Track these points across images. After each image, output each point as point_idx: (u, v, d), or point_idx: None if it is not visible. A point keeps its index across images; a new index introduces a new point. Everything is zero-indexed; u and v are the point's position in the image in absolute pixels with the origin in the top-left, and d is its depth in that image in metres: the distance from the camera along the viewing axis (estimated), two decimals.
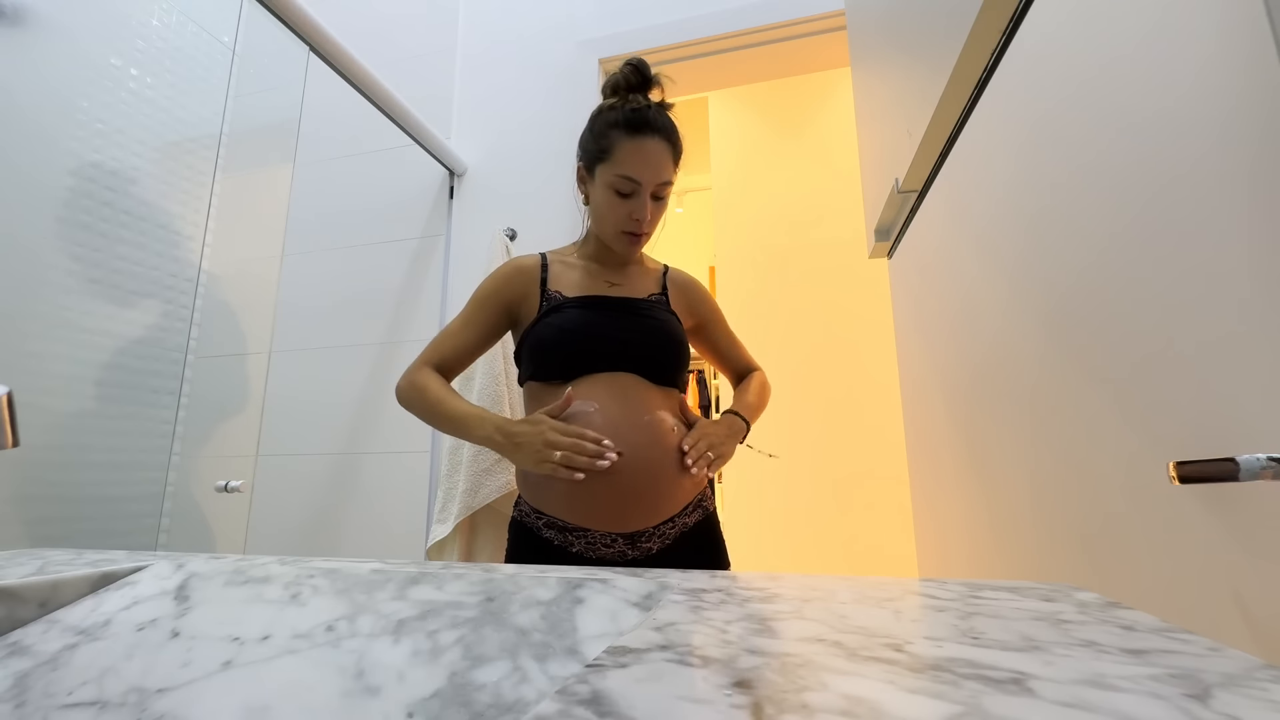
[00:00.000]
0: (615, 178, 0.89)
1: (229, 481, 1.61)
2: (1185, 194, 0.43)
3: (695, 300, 1.05)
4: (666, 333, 0.93)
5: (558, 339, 0.89)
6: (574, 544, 0.84)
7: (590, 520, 0.84)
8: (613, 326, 0.91)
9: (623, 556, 0.83)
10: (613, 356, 0.89)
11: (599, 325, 0.90)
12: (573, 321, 0.90)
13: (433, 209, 1.77)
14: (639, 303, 0.95)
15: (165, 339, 1.55)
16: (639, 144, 0.88)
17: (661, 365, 0.92)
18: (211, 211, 1.69)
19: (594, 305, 0.93)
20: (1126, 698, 0.19)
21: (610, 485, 0.82)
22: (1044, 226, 0.62)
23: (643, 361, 0.90)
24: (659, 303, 0.98)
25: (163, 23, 1.59)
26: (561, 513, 0.85)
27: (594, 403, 0.85)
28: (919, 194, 1.00)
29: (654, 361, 0.91)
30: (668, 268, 1.06)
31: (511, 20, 1.87)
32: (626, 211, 0.91)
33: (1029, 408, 0.66)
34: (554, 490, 0.85)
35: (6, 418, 0.49)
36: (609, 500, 0.83)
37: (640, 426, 0.85)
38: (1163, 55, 0.45)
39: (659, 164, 0.89)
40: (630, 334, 0.90)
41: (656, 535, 0.85)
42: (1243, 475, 0.35)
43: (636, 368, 0.89)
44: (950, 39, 0.74)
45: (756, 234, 2.46)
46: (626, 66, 0.95)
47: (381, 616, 0.36)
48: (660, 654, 0.24)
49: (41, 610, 0.41)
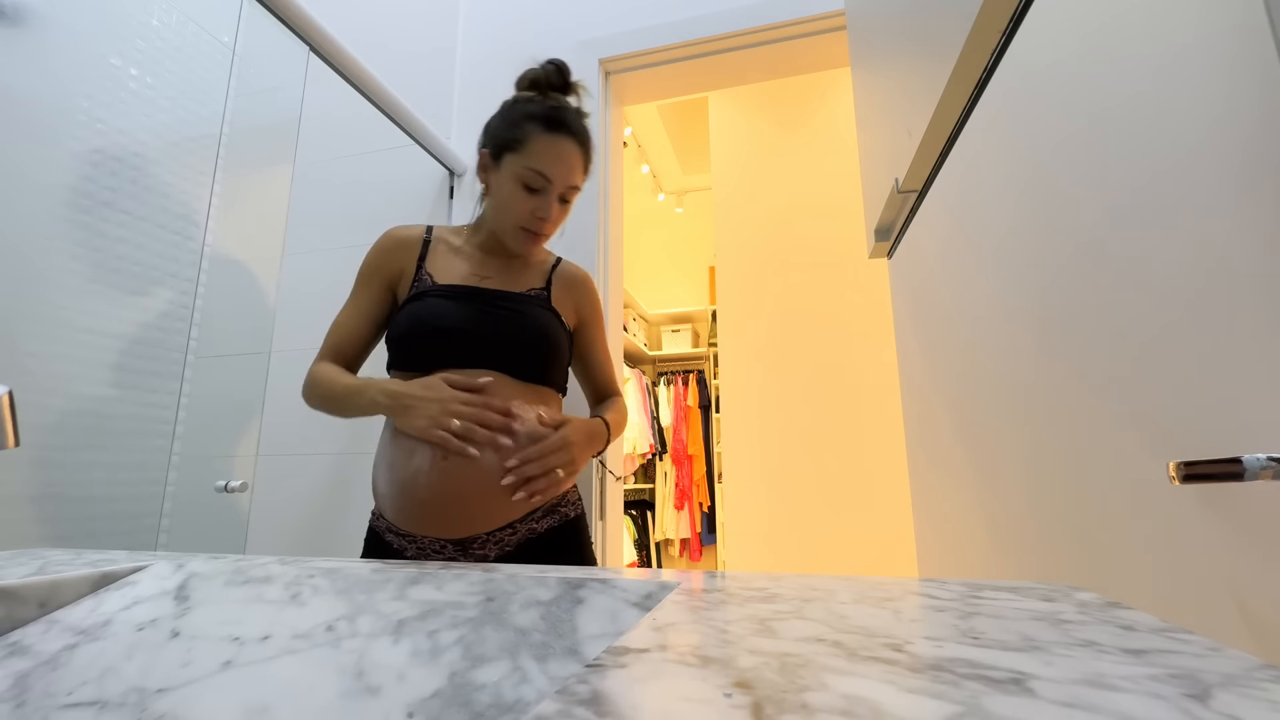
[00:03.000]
0: (526, 170, 0.86)
1: (229, 481, 1.61)
2: (1186, 193, 0.43)
3: (581, 299, 0.99)
4: (534, 329, 0.88)
5: (412, 329, 0.85)
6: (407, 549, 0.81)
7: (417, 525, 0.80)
8: (473, 321, 0.85)
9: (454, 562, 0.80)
10: (471, 351, 0.84)
11: (459, 318, 0.85)
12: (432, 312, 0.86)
13: (433, 209, 1.77)
14: (510, 296, 0.90)
15: (165, 339, 1.55)
16: (555, 141, 0.86)
17: (526, 363, 0.86)
18: (212, 211, 1.69)
19: (459, 296, 0.87)
20: (1126, 698, 0.19)
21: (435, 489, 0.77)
22: (1044, 226, 0.62)
23: (505, 358, 0.85)
24: (536, 297, 0.92)
25: (163, 23, 1.59)
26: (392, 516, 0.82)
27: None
28: (919, 194, 1.00)
29: (517, 359, 0.85)
30: (560, 261, 1.00)
31: (512, 20, 1.87)
32: (531, 208, 0.87)
33: (1029, 407, 0.66)
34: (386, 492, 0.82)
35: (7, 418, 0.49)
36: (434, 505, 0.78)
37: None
38: (1163, 54, 0.45)
39: (572, 166, 0.87)
40: (493, 329, 0.85)
41: (492, 542, 0.80)
42: (1245, 475, 0.35)
43: (499, 365, 0.84)
44: (950, 39, 0.74)
45: (756, 234, 2.46)
46: (549, 65, 0.94)
47: (381, 616, 0.36)
48: (660, 654, 0.24)
49: (41, 610, 0.41)
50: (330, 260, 1.82)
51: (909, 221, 1.07)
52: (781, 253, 2.40)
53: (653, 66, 1.72)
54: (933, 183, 0.93)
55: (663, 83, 1.78)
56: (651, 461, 3.58)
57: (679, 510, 3.41)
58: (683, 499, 3.42)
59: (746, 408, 2.33)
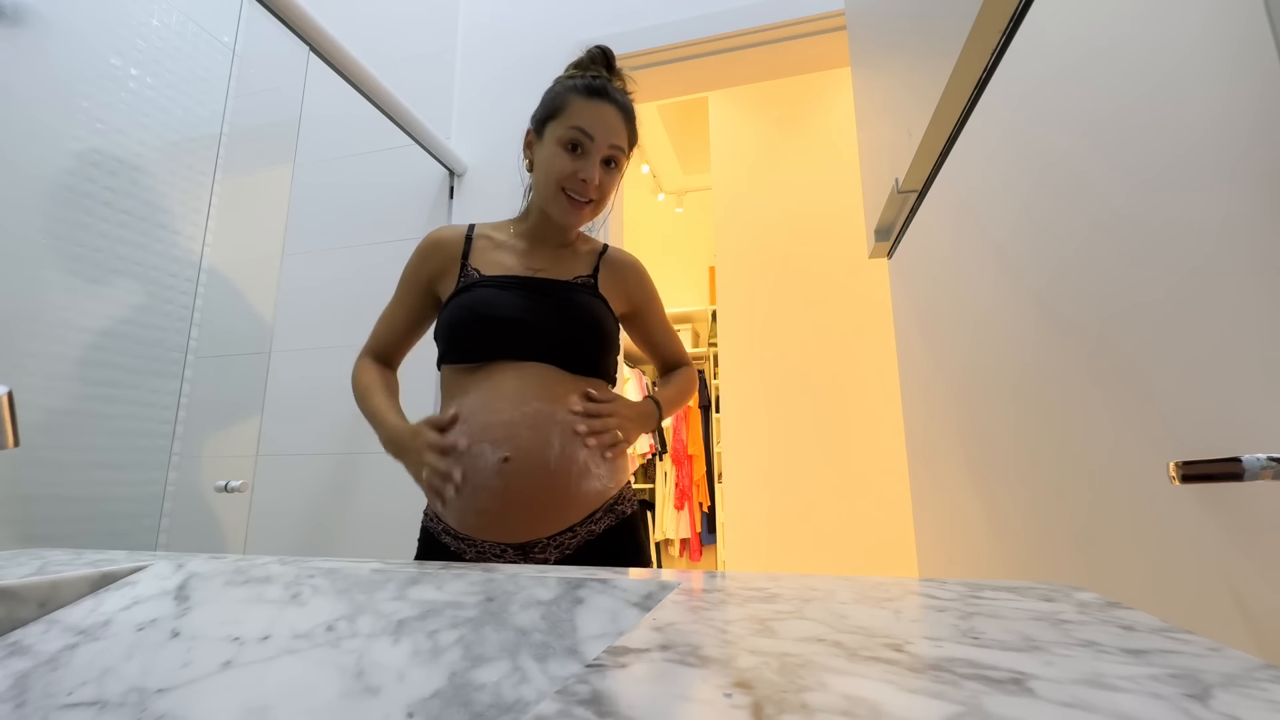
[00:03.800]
0: (566, 130, 0.84)
1: (229, 481, 1.61)
2: (1186, 193, 0.43)
3: (631, 283, 0.95)
4: (584, 317, 0.85)
5: (464, 320, 0.83)
6: (466, 552, 0.79)
7: (477, 530, 0.78)
8: (524, 309, 0.83)
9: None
10: (522, 342, 0.81)
11: (508, 308, 0.83)
12: (481, 302, 0.83)
13: (433, 209, 1.77)
14: (559, 284, 0.87)
15: (165, 339, 1.55)
16: (595, 104, 0.84)
17: (577, 353, 0.83)
18: (211, 211, 1.69)
19: (508, 286, 0.85)
20: (1126, 698, 0.19)
21: (495, 493, 0.75)
22: (1044, 226, 0.62)
23: (556, 348, 0.82)
24: (584, 285, 0.89)
25: (163, 23, 1.59)
26: (451, 520, 0.80)
27: (490, 403, 0.78)
28: (919, 194, 1.00)
29: (568, 349, 0.83)
30: (607, 247, 0.97)
31: (511, 20, 1.87)
32: (573, 168, 0.84)
33: (1029, 407, 0.66)
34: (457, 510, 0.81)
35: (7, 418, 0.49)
36: (495, 509, 0.76)
37: (534, 426, 0.77)
38: (1163, 54, 0.45)
39: (613, 126, 0.85)
40: (542, 318, 0.82)
41: (553, 546, 0.78)
42: (1245, 475, 0.35)
43: (549, 355, 0.82)
44: (950, 39, 0.74)
45: (756, 234, 2.46)
46: (594, 49, 0.93)
47: (381, 616, 0.36)
48: (660, 654, 0.24)
49: (41, 610, 0.41)
50: (330, 260, 1.82)
51: (909, 221, 1.07)
52: (781, 253, 2.40)
53: (653, 66, 1.72)
54: (933, 183, 0.93)
55: (663, 83, 1.78)
56: (651, 461, 3.58)
57: (679, 510, 3.41)
58: (683, 499, 3.42)
59: (746, 408, 2.33)
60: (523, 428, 0.76)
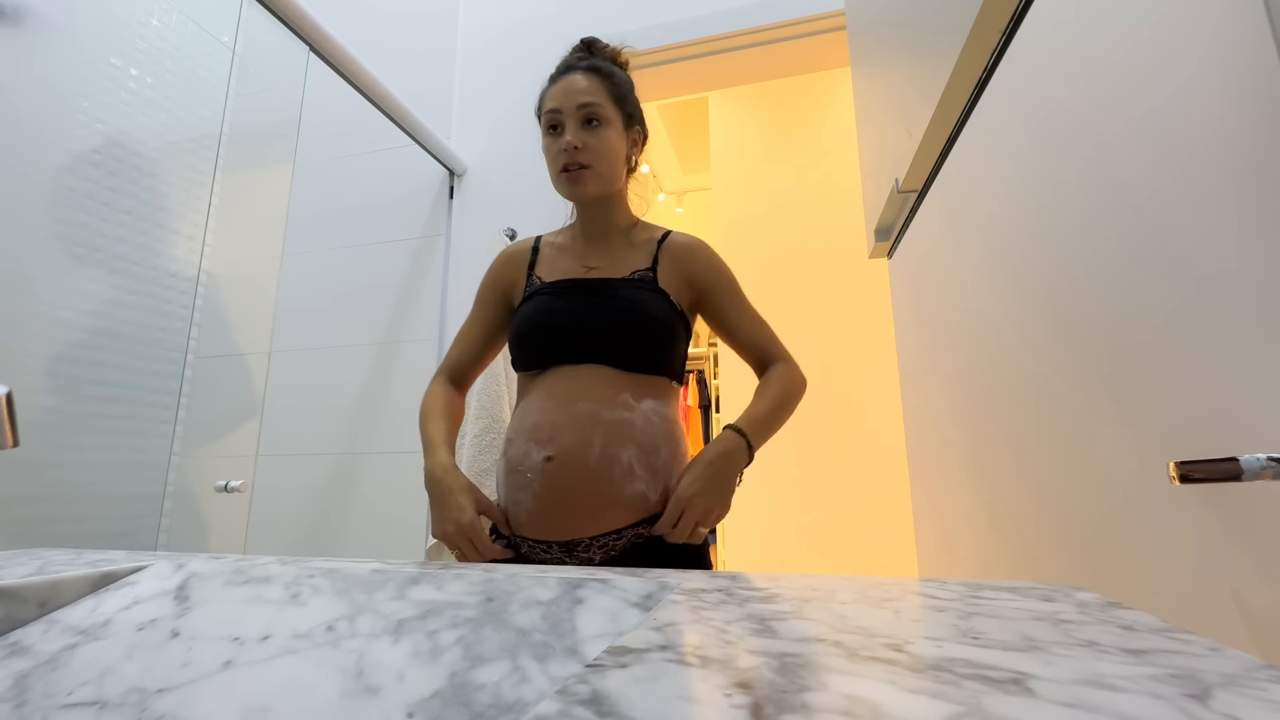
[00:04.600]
0: (544, 117, 0.87)
1: (229, 481, 1.61)
2: (1186, 193, 0.43)
3: (694, 268, 0.91)
4: (637, 314, 0.84)
5: (525, 330, 0.85)
6: (520, 546, 0.81)
7: (523, 527, 0.79)
8: (577, 314, 0.83)
9: (560, 565, 0.77)
10: (575, 346, 0.82)
11: (563, 313, 0.84)
12: (540, 310, 0.85)
13: (433, 209, 1.77)
14: (613, 284, 0.87)
15: (165, 339, 1.55)
16: (560, 81, 0.88)
17: (632, 352, 0.82)
18: (211, 211, 1.69)
19: (564, 291, 0.86)
20: (1126, 698, 0.19)
21: (537, 491, 0.77)
22: (1044, 225, 0.62)
23: (609, 349, 0.82)
24: (641, 280, 0.88)
25: (163, 23, 1.59)
26: (501, 522, 0.82)
27: (541, 405, 0.80)
28: (919, 194, 1.00)
29: (622, 348, 0.82)
30: (668, 234, 0.94)
31: (511, 20, 1.87)
32: (559, 148, 0.86)
33: (1029, 407, 0.66)
34: (500, 495, 0.83)
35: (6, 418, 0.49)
36: (537, 507, 0.77)
37: (578, 426, 0.77)
38: (1163, 55, 0.45)
39: (576, 90, 0.86)
40: (594, 320, 0.83)
41: (597, 546, 0.77)
42: (1244, 475, 0.35)
43: (604, 356, 0.81)
44: (950, 39, 0.74)
45: (756, 234, 2.46)
46: (578, 42, 0.97)
47: (381, 616, 0.36)
48: (660, 654, 0.24)
49: (41, 610, 0.41)
50: (330, 260, 1.82)
51: (909, 221, 1.07)
52: (781, 253, 2.40)
53: (653, 66, 1.72)
54: (933, 183, 0.93)
55: (663, 83, 1.78)
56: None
57: None
58: None
59: None
60: (566, 428, 0.77)
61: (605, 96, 0.88)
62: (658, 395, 0.83)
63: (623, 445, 0.77)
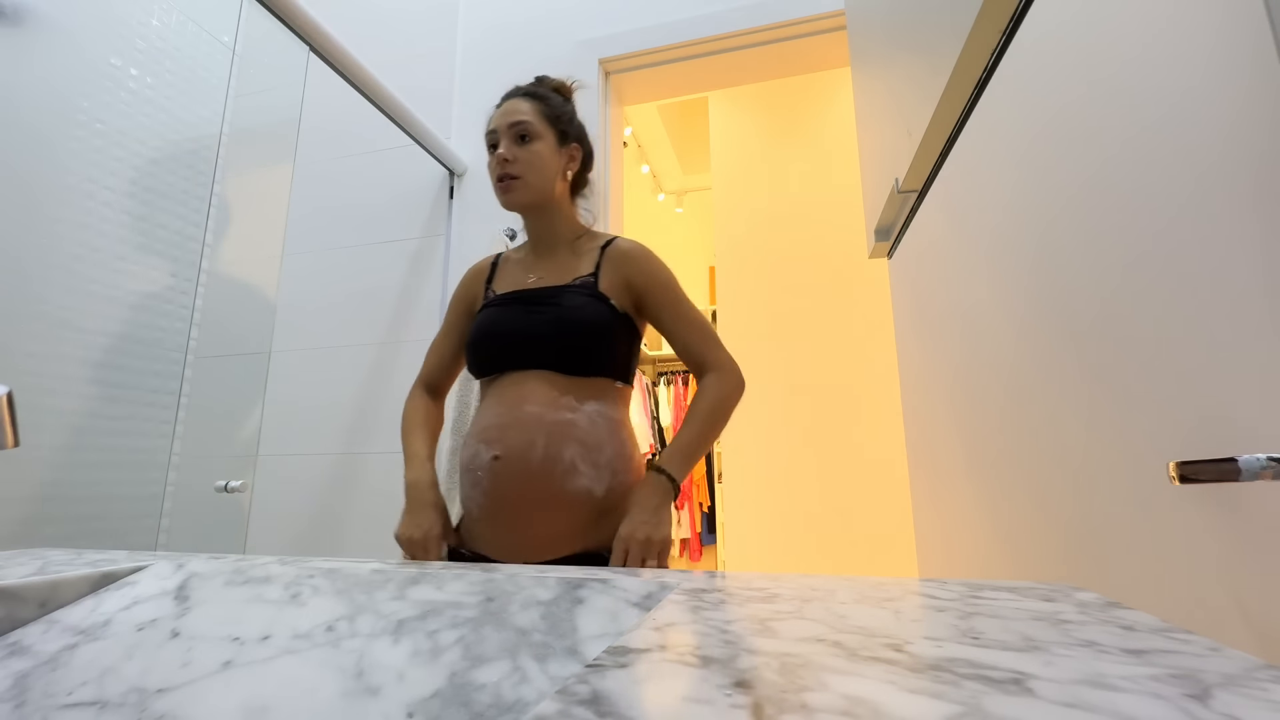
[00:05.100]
0: (486, 139, 0.95)
1: (229, 481, 1.61)
2: (1185, 193, 0.43)
3: (631, 273, 0.92)
4: (572, 320, 0.87)
5: (474, 340, 0.92)
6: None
7: (477, 539, 0.86)
8: (518, 322, 0.89)
9: None
10: (519, 354, 0.87)
11: (503, 323, 0.90)
12: (488, 321, 0.91)
13: (433, 209, 1.77)
14: (553, 291, 0.90)
15: (165, 339, 1.55)
16: (498, 108, 0.96)
17: (572, 357, 0.86)
18: (211, 211, 1.69)
19: (510, 302, 0.92)
20: (1126, 698, 0.19)
21: (487, 489, 0.83)
22: (1043, 225, 0.62)
23: (550, 355, 0.86)
24: (583, 285, 0.91)
25: (163, 23, 1.59)
26: (456, 541, 0.89)
27: (492, 409, 0.87)
28: (919, 194, 1.00)
29: (562, 354, 0.86)
30: (612, 240, 0.96)
31: (511, 20, 1.87)
32: (493, 162, 0.93)
33: (1029, 407, 0.66)
34: (461, 515, 0.90)
35: (7, 418, 0.49)
36: (488, 505, 0.83)
37: (523, 428, 0.82)
38: (1163, 56, 0.45)
39: (511, 111, 0.94)
40: (534, 328, 0.87)
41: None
42: (1243, 475, 0.35)
43: (547, 363, 0.86)
44: (950, 39, 0.74)
45: (756, 234, 2.46)
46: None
47: (381, 616, 0.36)
48: (660, 654, 0.24)
49: (41, 610, 0.41)
50: (330, 260, 1.82)
51: (909, 221, 1.07)
52: (781, 253, 2.40)
53: (653, 66, 1.72)
54: (933, 183, 0.93)
55: (663, 83, 1.78)
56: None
57: (679, 510, 3.41)
58: (683, 499, 3.42)
59: (746, 408, 2.32)
60: (513, 430, 0.83)
61: (537, 115, 0.95)
62: (601, 397, 0.88)
63: (565, 445, 0.82)
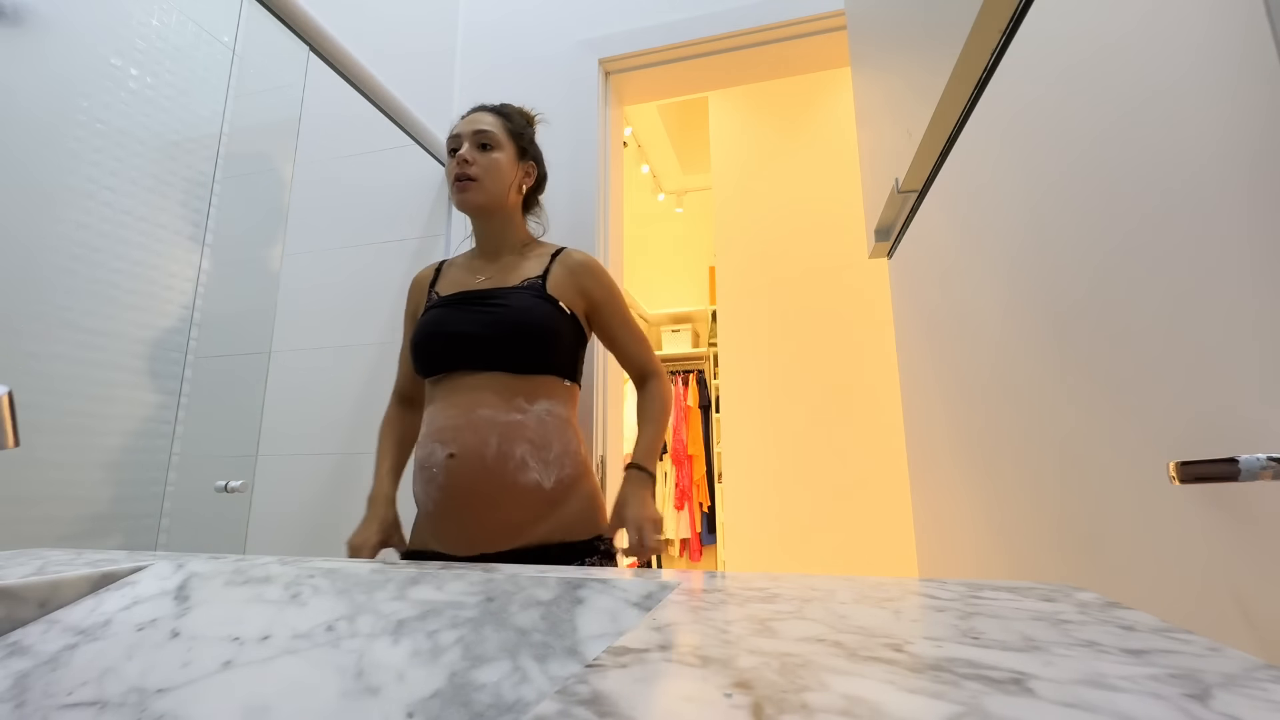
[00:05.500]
0: (448, 144, 0.98)
1: (229, 481, 1.61)
2: (1185, 192, 0.43)
3: (586, 283, 0.97)
4: (517, 319, 0.89)
5: (417, 341, 0.93)
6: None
7: (433, 536, 0.88)
8: (466, 322, 0.89)
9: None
10: (467, 353, 0.88)
11: (450, 322, 0.90)
12: (431, 322, 0.92)
13: (433, 209, 1.77)
14: (500, 292, 0.92)
15: (165, 339, 1.55)
16: (464, 119, 0.99)
17: (521, 356, 0.88)
18: (211, 211, 1.69)
19: (453, 302, 0.93)
20: (1126, 698, 0.19)
21: (442, 485, 0.85)
22: (1044, 225, 0.62)
23: (499, 354, 0.87)
24: (530, 286, 0.93)
25: (163, 23, 1.59)
26: (421, 530, 0.91)
27: (445, 410, 0.88)
28: (919, 194, 1.00)
29: (511, 353, 0.87)
30: (562, 250, 1.00)
31: (511, 20, 1.87)
32: (453, 164, 0.96)
33: (1029, 407, 0.66)
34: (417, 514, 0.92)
35: (7, 418, 0.48)
36: (444, 500, 0.85)
37: (476, 428, 0.85)
38: (1163, 55, 0.45)
39: (475, 121, 0.97)
40: (483, 327, 0.88)
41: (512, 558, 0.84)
42: (1243, 475, 0.35)
43: (496, 362, 0.87)
44: (950, 39, 0.74)
45: (756, 234, 2.46)
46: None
47: (381, 616, 0.36)
48: (660, 654, 0.24)
49: (41, 610, 0.41)
50: (330, 260, 1.82)
51: (909, 221, 1.07)
52: (781, 253, 2.40)
53: (653, 66, 1.71)
54: (933, 183, 0.93)
55: (663, 83, 1.78)
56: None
57: (679, 510, 3.41)
58: (683, 499, 3.42)
59: (746, 408, 2.33)
60: (466, 430, 0.85)
61: (500, 128, 0.98)
62: (550, 395, 0.90)
63: (516, 443, 0.85)
